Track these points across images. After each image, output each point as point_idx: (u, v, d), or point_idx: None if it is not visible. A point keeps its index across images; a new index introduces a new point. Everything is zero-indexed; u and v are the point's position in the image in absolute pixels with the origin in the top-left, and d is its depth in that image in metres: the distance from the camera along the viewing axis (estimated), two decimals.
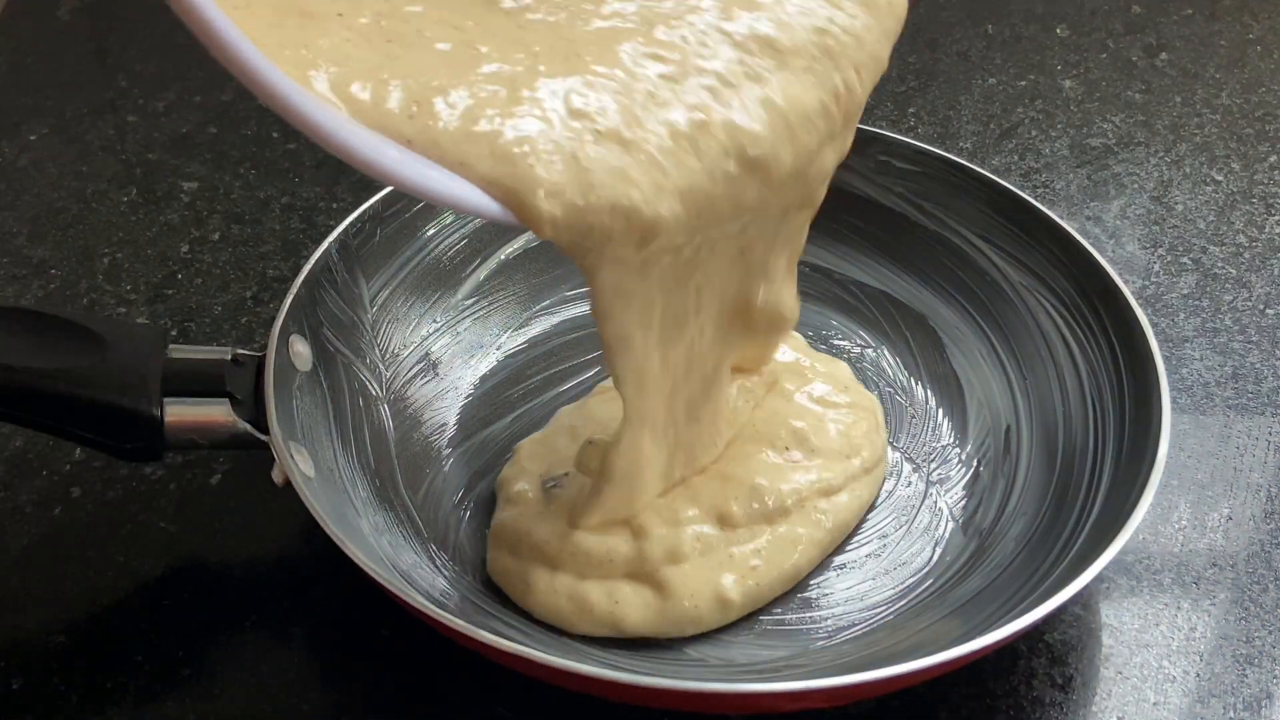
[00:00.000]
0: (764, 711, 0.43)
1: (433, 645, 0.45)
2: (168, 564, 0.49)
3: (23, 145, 0.70)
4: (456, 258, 0.57)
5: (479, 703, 0.45)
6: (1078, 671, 0.46)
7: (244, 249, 0.64)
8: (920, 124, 0.72)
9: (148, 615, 0.47)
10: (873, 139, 0.59)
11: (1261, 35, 0.80)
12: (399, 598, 0.41)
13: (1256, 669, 0.46)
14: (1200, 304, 0.61)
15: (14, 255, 0.63)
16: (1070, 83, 0.76)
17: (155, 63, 0.76)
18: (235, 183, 0.68)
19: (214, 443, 0.46)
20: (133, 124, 0.72)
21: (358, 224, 0.54)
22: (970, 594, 0.47)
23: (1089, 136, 0.72)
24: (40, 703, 0.44)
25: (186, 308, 0.60)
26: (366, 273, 0.54)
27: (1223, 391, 0.57)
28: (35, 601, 0.48)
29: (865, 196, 0.59)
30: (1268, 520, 0.51)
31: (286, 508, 0.46)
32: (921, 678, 0.41)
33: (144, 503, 0.51)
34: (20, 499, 0.51)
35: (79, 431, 0.45)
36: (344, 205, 0.66)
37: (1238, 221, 0.66)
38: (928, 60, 0.77)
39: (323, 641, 0.47)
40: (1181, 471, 0.53)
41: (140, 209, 0.66)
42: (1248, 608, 0.48)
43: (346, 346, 0.52)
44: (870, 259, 0.59)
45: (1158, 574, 0.49)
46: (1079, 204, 0.67)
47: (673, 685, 0.40)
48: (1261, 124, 0.73)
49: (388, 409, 0.53)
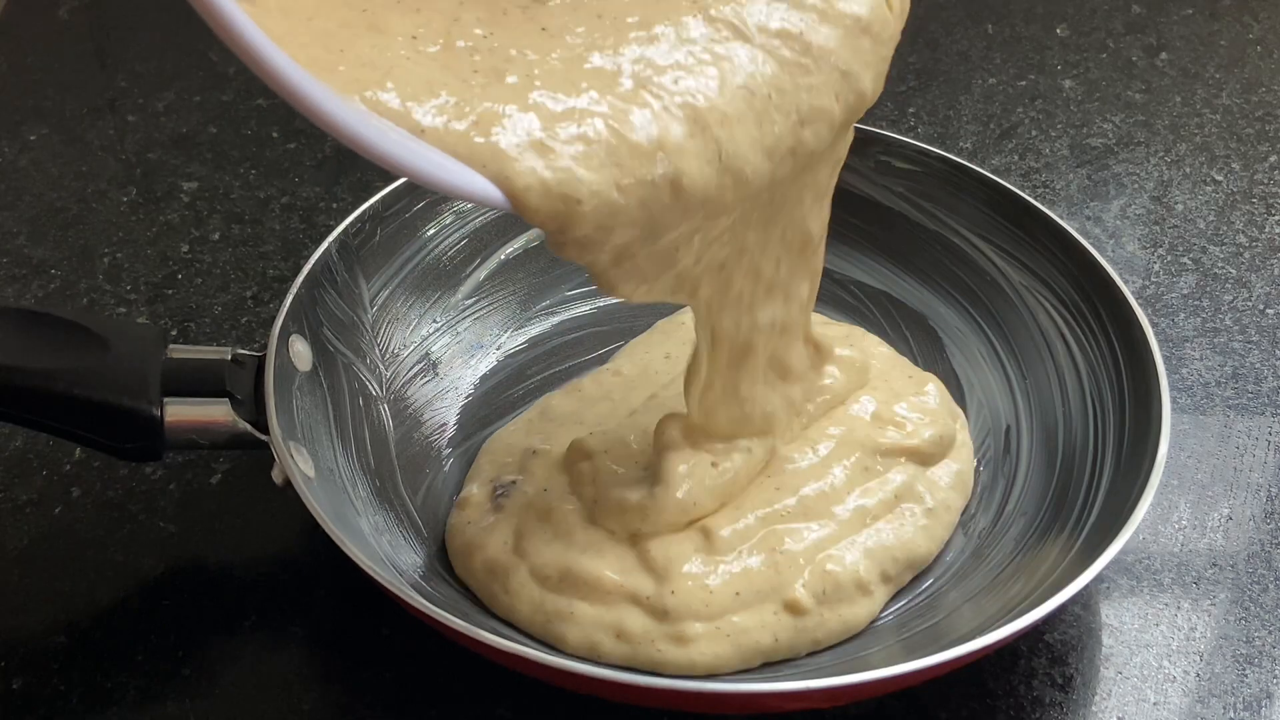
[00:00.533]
0: (764, 711, 0.43)
1: (433, 645, 0.45)
2: (168, 564, 0.49)
3: (23, 145, 0.70)
4: (456, 258, 0.57)
5: (479, 703, 0.45)
6: (1078, 671, 0.46)
7: (244, 249, 0.64)
8: (920, 124, 0.72)
9: (148, 615, 0.47)
10: (873, 139, 0.59)
11: (1261, 35, 0.80)
12: (399, 598, 0.41)
13: (1256, 669, 0.46)
14: (1200, 304, 0.61)
15: (14, 255, 0.63)
16: (1070, 83, 0.76)
17: (155, 63, 0.76)
18: (235, 183, 0.68)
19: (214, 443, 0.46)
20: (133, 124, 0.72)
21: (358, 224, 0.54)
22: (970, 594, 0.47)
23: (1089, 136, 0.72)
24: (40, 703, 0.44)
25: (186, 308, 0.60)
26: (366, 273, 0.54)
27: (1223, 391, 0.57)
28: (35, 601, 0.48)
29: (865, 196, 0.59)
30: (1268, 520, 0.51)
31: (286, 508, 0.46)
32: (921, 678, 0.41)
33: (144, 503, 0.51)
34: (20, 499, 0.51)
35: (79, 431, 0.45)
36: (344, 205, 0.66)
37: (1238, 221, 0.66)
38: (928, 60, 0.77)
39: (323, 641, 0.47)
40: (1181, 471, 0.53)
41: (140, 209, 0.66)
42: (1248, 608, 0.48)
43: (346, 346, 0.52)
44: (870, 259, 0.59)
45: (1158, 574, 0.49)
46: (1079, 204, 0.67)
47: (673, 685, 0.40)
48: (1261, 124, 0.73)
49: (388, 409, 0.53)
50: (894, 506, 0.48)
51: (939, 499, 0.49)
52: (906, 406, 0.51)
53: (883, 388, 0.52)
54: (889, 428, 0.50)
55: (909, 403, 0.51)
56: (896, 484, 0.48)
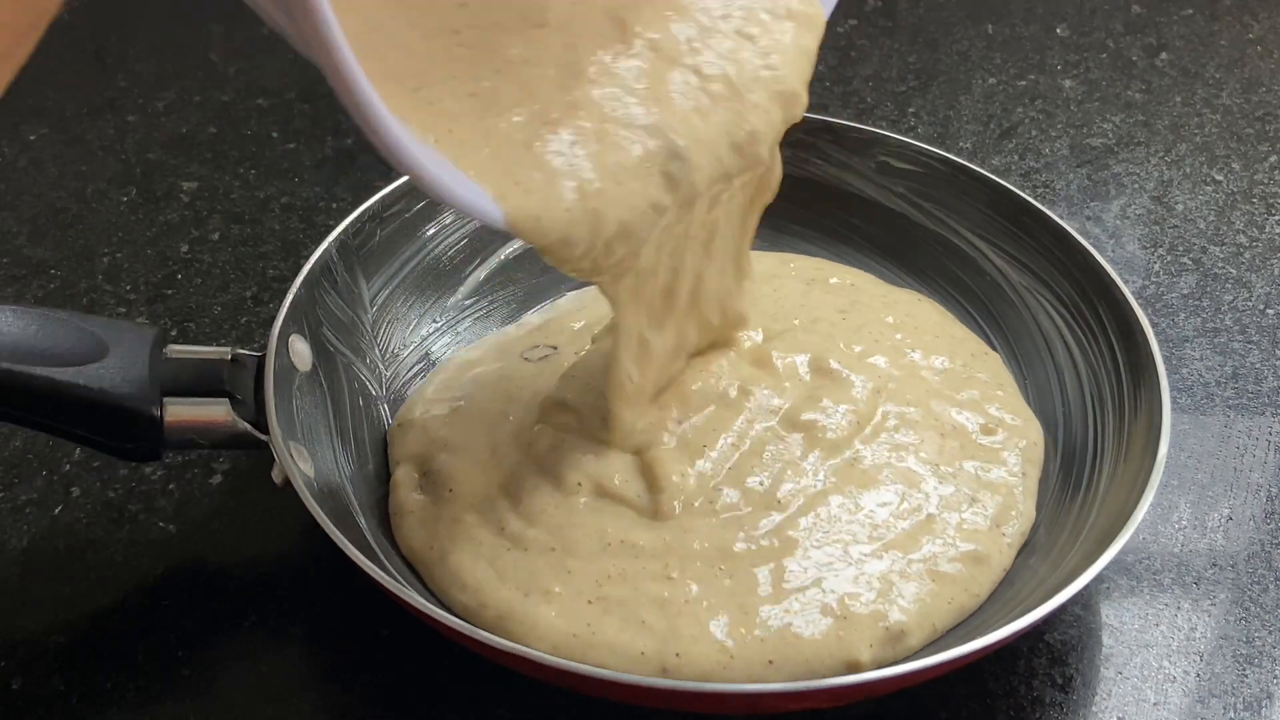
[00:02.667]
0: (764, 711, 0.43)
1: (433, 645, 0.45)
2: (168, 564, 0.49)
3: (23, 145, 0.70)
4: (456, 258, 0.57)
5: (479, 703, 0.45)
6: (1078, 671, 0.46)
7: (244, 249, 0.64)
8: (920, 124, 0.72)
9: (148, 615, 0.47)
10: (873, 139, 0.59)
11: (1261, 35, 0.80)
12: (399, 598, 0.41)
13: (1256, 669, 0.46)
14: (1200, 304, 0.61)
15: (14, 255, 0.63)
16: (1070, 83, 0.76)
17: (155, 63, 0.76)
18: (235, 183, 0.68)
19: (214, 443, 0.46)
20: (133, 124, 0.72)
21: (358, 224, 0.54)
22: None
23: (1089, 136, 0.72)
24: (40, 703, 0.44)
25: (186, 308, 0.60)
26: (366, 273, 0.54)
27: (1223, 391, 0.57)
28: (35, 601, 0.48)
29: (865, 196, 0.59)
30: (1268, 520, 0.51)
31: (286, 508, 0.46)
32: (921, 678, 0.41)
33: (144, 503, 0.51)
34: (20, 499, 0.51)
35: (79, 431, 0.45)
36: (344, 205, 0.66)
37: (1238, 221, 0.66)
38: (928, 60, 0.77)
39: (323, 641, 0.47)
40: (1181, 471, 0.53)
41: (140, 209, 0.66)
42: (1248, 608, 0.48)
43: (346, 346, 0.52)
44: (870, 259, 0.59)
45: (1158, 574, 0.49)
46: (1079, 204, 0.67)
47: (673, 685, 0.40)
48: (1261, 124, 0.73)
49: (388, 409, 0.53)
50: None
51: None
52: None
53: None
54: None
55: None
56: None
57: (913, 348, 0.53)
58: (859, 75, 0.75)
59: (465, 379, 0.53)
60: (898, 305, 0.56)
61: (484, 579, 0.44)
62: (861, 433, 0.49)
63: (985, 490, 0.48)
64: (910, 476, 0.48)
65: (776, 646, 0.42)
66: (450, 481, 0.48)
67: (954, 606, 0.44)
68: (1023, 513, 0.48)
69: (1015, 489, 0.48)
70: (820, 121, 0.59)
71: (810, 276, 0.58)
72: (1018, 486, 0.48)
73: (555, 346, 0.54)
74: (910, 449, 0.49)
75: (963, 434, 0.50)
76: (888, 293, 0.57)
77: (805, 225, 0.59)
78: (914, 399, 0.51)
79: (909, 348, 0.53)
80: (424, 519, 0.47)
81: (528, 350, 0.54)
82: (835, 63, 0.76)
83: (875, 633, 0.43)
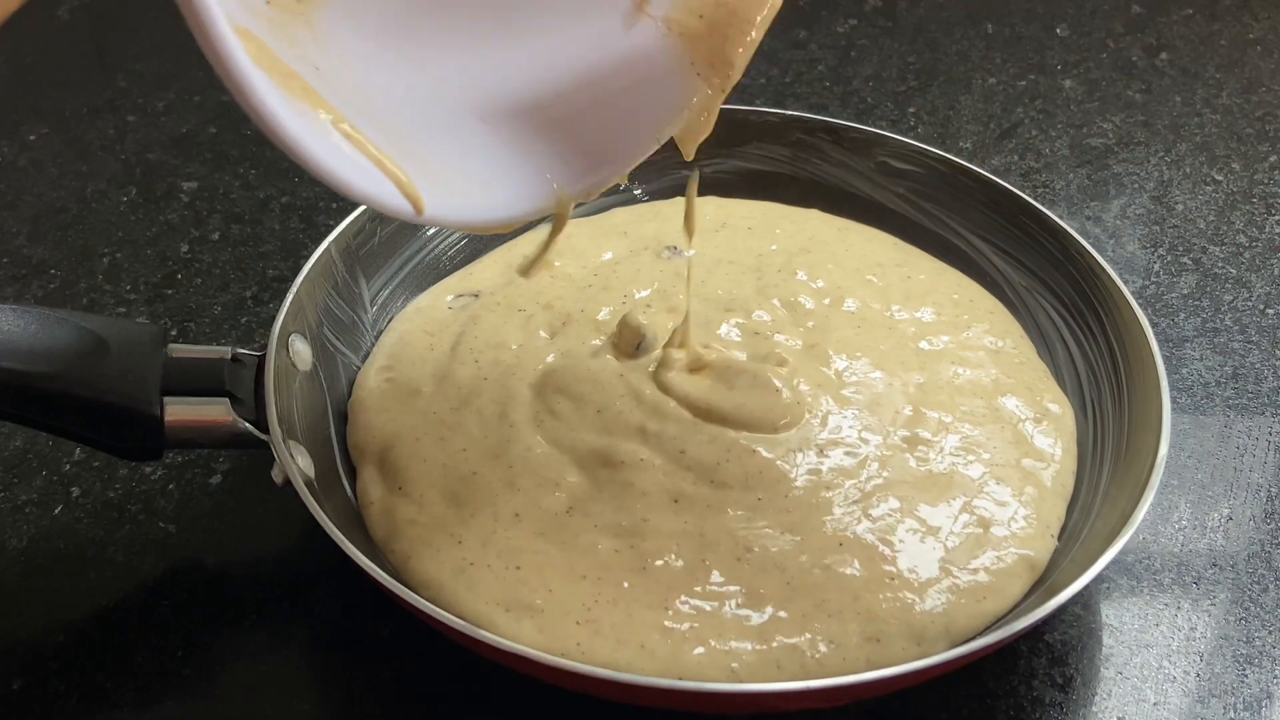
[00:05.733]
0: (764, 711, 0.43)
1: (433, 645, 0.45)
2: (168, 564, 0.49)
3: (23, 145, 0.70)
4: (456, 258, 0.57)
5: (479, 703, 0.45)
6: (1078, 671, 0.46)
7: (244, 249, 0.64)
8: (920, 124, 0.72)
9: (148, 615, 0.47)
10: (873, 139, 0.59)
11: (1261, 35, 0.80)
12: (399, 598, 0.41)
13: (1256, 669, 0.46)
14: (1200, 304, 0.61)
15: (14, 255, 0.63)
16: (1070, 83, 0.76)
17: (155, 63, 0.76)
18: (235, 183, 0.68)
19: (214, 442, 0.46)
20: (132, 124, 0.72)
21: (358, 224, 0.54)
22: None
23: (1089, 136, 0.72)
24: (40, 703, 0.44)
25: (186, 308, 0.60)
26: (366, 273, 0.54)
27: (1223, 391, 0.57)
28: (35, 601, 0.48)
29: (865, 197, 0.59)
30: (1268, 520, 0.51)
31: (286, 508, 0.46)
32: (921, 678, 0.41)
33: (144, 503, 0.51)
34: (20, 499, 0.51)
35: (79, 431, 0.45)
36: (344, 205, 0.66)
37: (1238, 221, 0.66)
38: (928, 60, 0.77)
39: (323, 641, 0.47)
40: (1181, 471, 0.53)
41: (140, 209, 0.66)
42: (1248, 608, 0.48)
43: (346, 346, 0.52)
44: None
45: (1158, 574, 0.49)
46: (1079, 204, 0.67)
47: (673, 685, 0.40)
48: (1261, 124, 0.73)
49: None
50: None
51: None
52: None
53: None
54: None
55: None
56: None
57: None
58: (859, 75, 0.75)
59: (393, 341, 0.53)
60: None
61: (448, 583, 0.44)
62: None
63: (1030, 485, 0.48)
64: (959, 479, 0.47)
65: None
66: (399, 479, 0.47)
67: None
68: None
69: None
70: (820, 121, 0.59)
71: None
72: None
73: (477, 294, 0.55)
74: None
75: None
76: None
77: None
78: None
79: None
80: (384, 514, 0.47)
81: (451, 300, 0.55)
82: (835, 63, 0.76)
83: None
